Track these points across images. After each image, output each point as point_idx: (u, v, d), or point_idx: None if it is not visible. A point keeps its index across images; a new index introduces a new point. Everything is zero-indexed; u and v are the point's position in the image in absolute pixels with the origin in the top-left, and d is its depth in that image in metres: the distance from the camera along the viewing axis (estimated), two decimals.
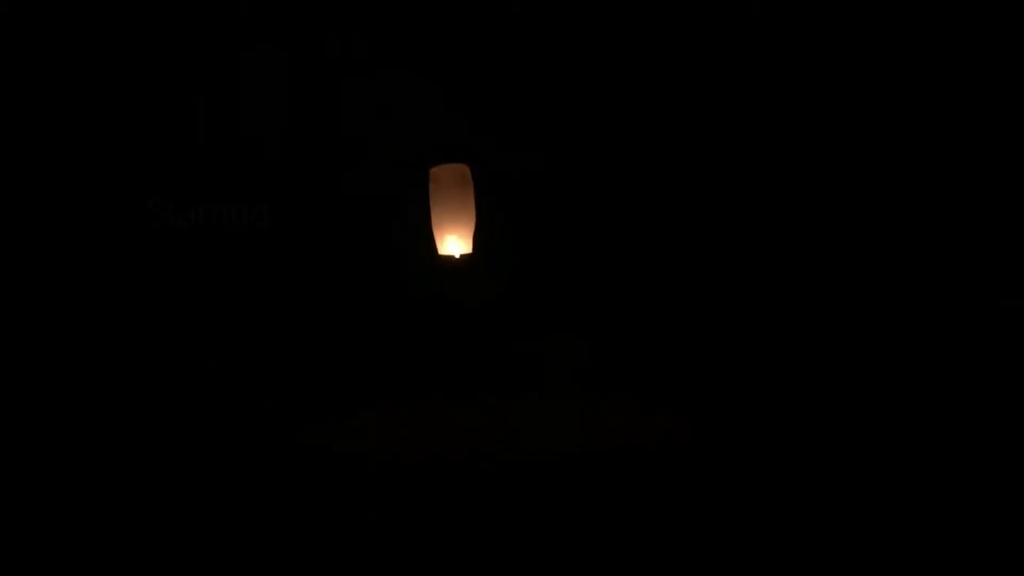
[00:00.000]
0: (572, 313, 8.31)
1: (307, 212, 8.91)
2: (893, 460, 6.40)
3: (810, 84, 8.78)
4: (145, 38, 8.96)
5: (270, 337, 8.77)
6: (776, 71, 8.84)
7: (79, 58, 8.94)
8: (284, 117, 9.00)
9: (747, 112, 8.85)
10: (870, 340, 8.41)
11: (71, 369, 8.56)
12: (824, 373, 8.07)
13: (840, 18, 8.72)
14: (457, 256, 6.71)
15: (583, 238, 8.43)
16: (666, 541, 5.52)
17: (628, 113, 8.85)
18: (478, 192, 6.62)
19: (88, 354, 8.68)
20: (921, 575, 5.24)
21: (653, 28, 8.88)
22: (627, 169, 8.81)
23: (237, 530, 5.81)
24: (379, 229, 8.70)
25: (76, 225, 8.92)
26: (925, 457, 6.71)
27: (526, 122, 8.66)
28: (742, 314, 8.75)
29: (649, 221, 8.79)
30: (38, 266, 8.87)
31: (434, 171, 6.63)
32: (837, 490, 5.91)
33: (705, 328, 8.70)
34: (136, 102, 9.00)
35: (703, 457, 6.52)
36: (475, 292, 7.09)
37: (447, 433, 6.95)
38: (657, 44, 8.89)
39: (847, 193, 8.77)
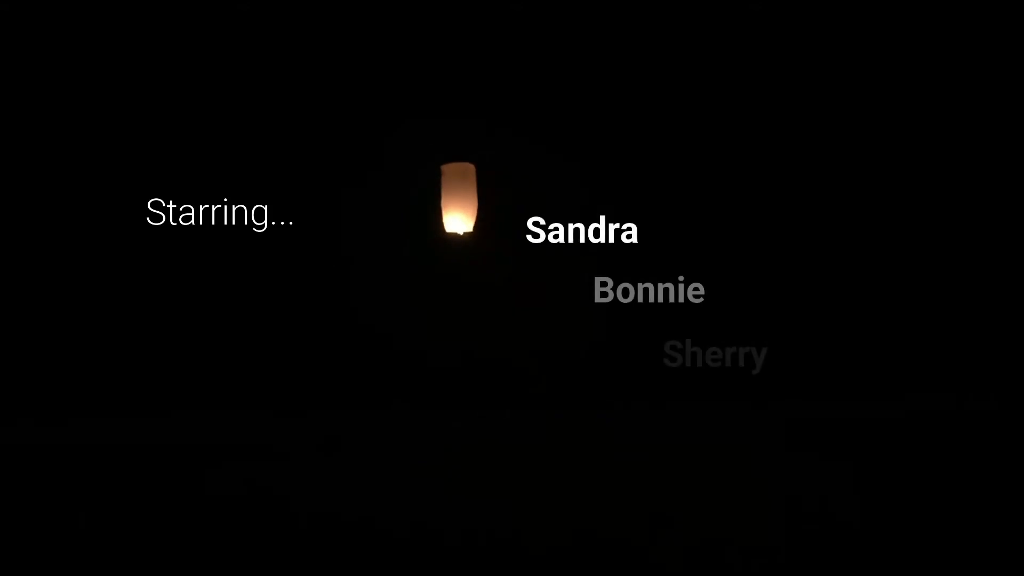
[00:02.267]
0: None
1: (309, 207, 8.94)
2: None
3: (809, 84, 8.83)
4: (145, 37, 8.97)
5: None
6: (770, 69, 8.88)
7: (78, 59, 8.95)
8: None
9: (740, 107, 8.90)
10: None
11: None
12: None
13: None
14: (461, 233, 7.87)
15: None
16: None
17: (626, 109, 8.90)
18: (480, 184, 8.02)
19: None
20: None
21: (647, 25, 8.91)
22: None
23: None
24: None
25: (77, 225, 8.92)
26: None
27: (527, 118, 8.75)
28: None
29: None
30: (38, 265, 8.88)
31: (444, 167, 7.97)
32: None
33: None
34: (136, 102, 9.01)
35: None
36: (475, 267, 8.17)
37: None
38: (650, 41, 8.92)
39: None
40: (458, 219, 7.80)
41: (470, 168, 7.82)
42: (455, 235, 7.80)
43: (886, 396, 8.50)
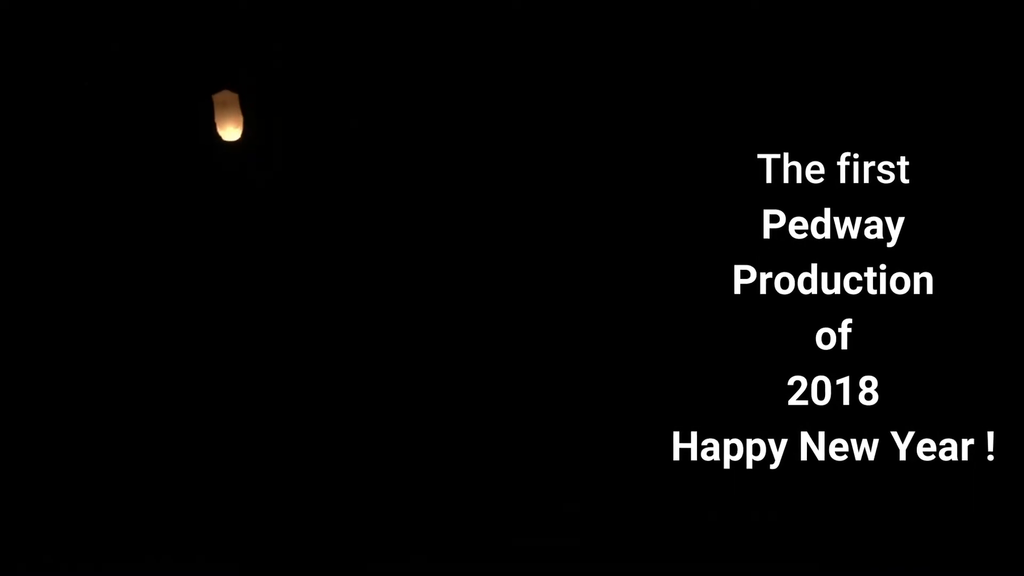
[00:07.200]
0: None
1: None
2: None
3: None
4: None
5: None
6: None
7: (73, 59, 9.11)
8: None
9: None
10: None
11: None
12: None
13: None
14: (234, 140, 9.78)
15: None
16: None
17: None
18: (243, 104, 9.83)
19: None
20: None
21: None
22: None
23: None
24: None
25: (75, 224, 9.04)
26: None
27: None
28: None
29: None
30: (38, 264, 9.00)
31: (215, 96, 9.73)
32: None
33: None
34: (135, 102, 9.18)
35: None
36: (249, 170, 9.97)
37: None
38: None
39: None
40: (230, 131, 9.76)
41: (234, 96, 9.74)
42: (230, 142, 9.76)
43: None
